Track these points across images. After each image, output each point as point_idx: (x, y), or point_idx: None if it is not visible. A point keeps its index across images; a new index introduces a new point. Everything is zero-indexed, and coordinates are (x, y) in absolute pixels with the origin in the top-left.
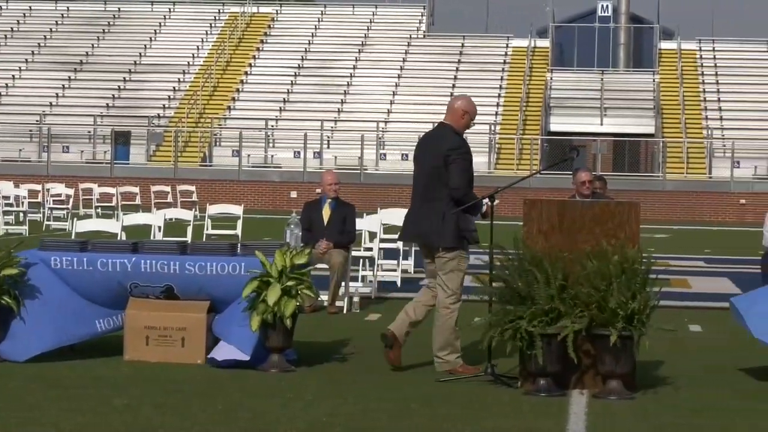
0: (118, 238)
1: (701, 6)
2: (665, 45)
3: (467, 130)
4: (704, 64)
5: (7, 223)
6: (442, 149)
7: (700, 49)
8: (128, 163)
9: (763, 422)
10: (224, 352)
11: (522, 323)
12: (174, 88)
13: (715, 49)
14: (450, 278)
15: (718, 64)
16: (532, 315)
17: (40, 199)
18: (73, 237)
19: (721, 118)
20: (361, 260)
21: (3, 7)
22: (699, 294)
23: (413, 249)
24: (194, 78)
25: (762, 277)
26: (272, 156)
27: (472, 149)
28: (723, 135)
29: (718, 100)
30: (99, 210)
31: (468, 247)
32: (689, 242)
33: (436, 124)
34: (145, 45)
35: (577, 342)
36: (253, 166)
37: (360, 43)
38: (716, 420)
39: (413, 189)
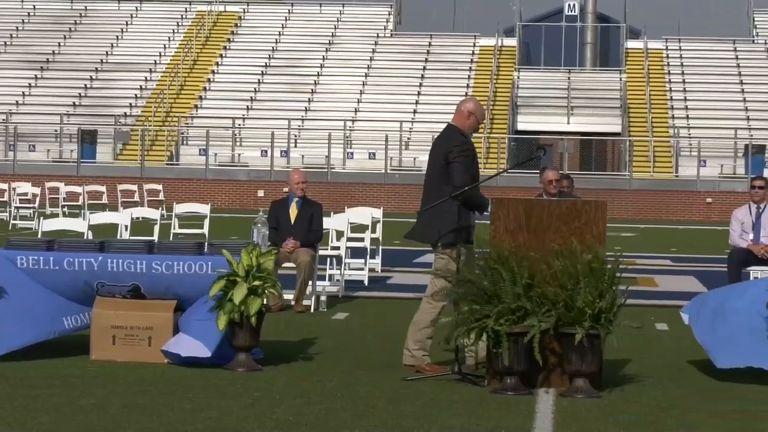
0: (85, 237)
1: (668, 5)
2: (632, 44)
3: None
4: (671, 64)
5: None
6: (444, 149)
7: (667, 49)
8: (95, 162)
9: (725, 422)
10: (185, 346)
11: (488, 322)
12: (141, 86)
13: (682, 48)
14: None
15: (684, 64)
16: (498, 314)
17: (6, 198)
18: (39, 236)
19: (687, 117)
20: (328, 259)
21: None
22: (665, 292)
23: (380, 248)
24: (161, 76)
25: (728, 275)
26: (239, 155)
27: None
28: (689, 134)
29: (685, 99)
30: (65, 209)
31: (464, 245)
32: (656, 241)
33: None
34: (111, 43)
35: (544, 341)
36: (220, 165)
37: (327, 41)
38: (681, 418)
39: (423, 189)
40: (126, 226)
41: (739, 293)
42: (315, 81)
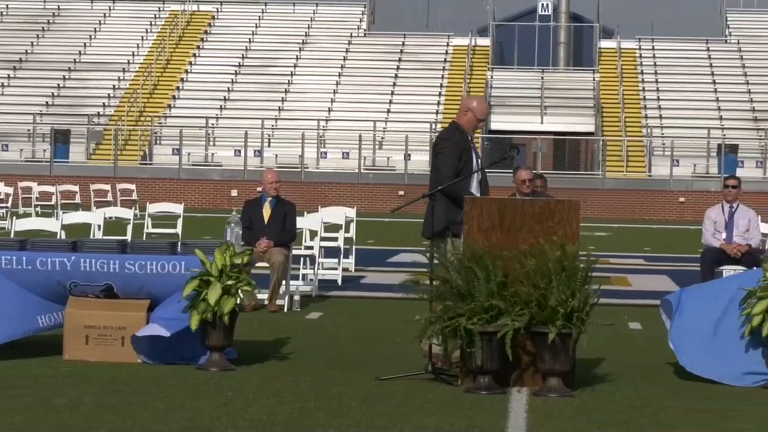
0: (58, 236)
1: (641, 5)
2: (605, 44)
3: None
4: (644, 63)
5: None
6: (436, 142)
7: (640, 48)
8: (68, 162)
9: (698, 420)
10: (147, 330)
11: (461, 321)
12: (114, 86)
13: (655, 48)
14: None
15: (657, 63)
16: (471, 312)
17: None
18: (12, 236)
19: (660, 117)
20: (302, 259)
21: None
22: (638, 292)
23: (354, 248)
24: (134, 76)
25: (701, 275)
26: (213, 154)
27: (413, 148)
28: (662, 133)
29: (658, 99)
30: (38, 209)
31: (453, 238)
32: (629, 240)
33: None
34: (84, 43)
35: (517, 340)
36: (193, 165)
37: (301, 41)
38: (654, 417)
39: None
40: (99, 226)
41: (714, 296)
42: (288, 81)
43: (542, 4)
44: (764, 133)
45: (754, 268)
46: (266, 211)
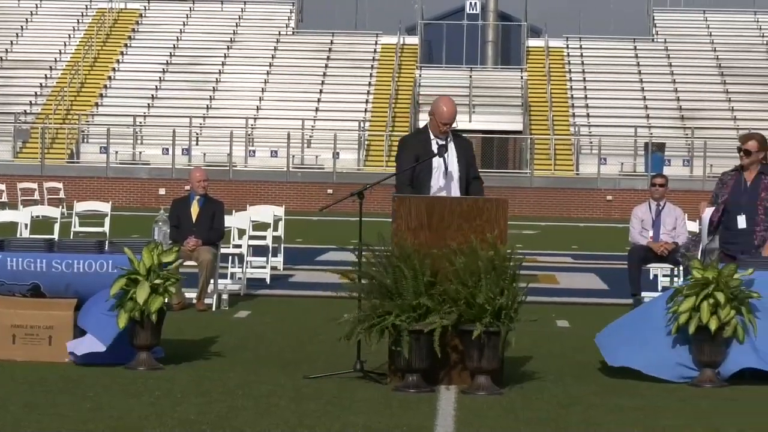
0: None
1: (568, 4)
2: (533, 43)
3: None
4: (571, 62)
5: None
6: None
7: (568, 47)
8: None
9: (627, 417)
10: (84, 345)
11: (390, 319)
12: (41, 84)
13: (582, 47)
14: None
15: (585, 62)
16: (399, 310)
17: None
18: None
19: (588, 116)
20: (230, 257)
21: None
22: (566, 290)
23: (282, 246)
24: (61, 74)
25: (628, 273)
26: (140, 153)
27: (341, 146)
28: (590, 132)
29: (585, 98)
30: None
31: None
32: (557, 238)
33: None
34: (11, 40)
35: (446, 338)
36: (121, 163)
37: (229, 39)
38: (582, 415)
39: None
40: (26, 225)
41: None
42: (217, 79)
43: (470, 3)
44: (691, 131)
45: (680, 266)
46: (194, 210)
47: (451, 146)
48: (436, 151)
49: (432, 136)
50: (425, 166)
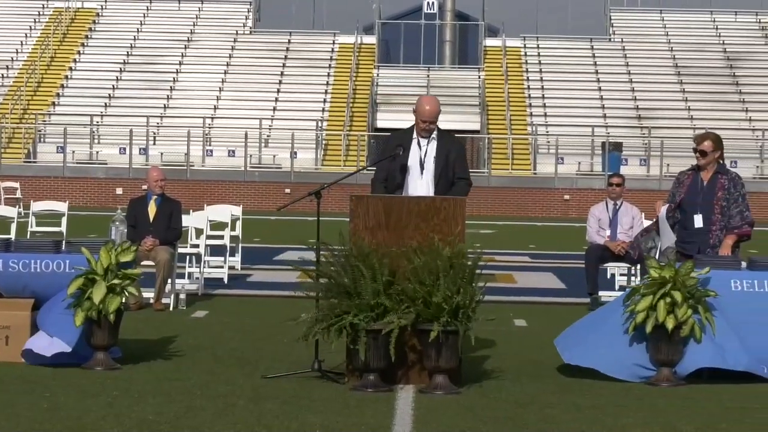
0: None
1: (526, 4)
2: (490, 42)
3: (424, 129)
4: (529, 62)
5: None
6: None
7: (525, 47)
8: None
9: (584, 416)
10: (47, 346)
11: (347, 318)
12: None
13: (540, 46)
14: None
15: (542, 62)
16: (357, 310)
17: None
18: None
19: (545, 115)
20: (188, 257)
21: None
22: (524, 289)
23: (240, 246)
24: (18, 73)
25: (585, 272)
26: (97, 152)
27: (299, 146)
28: (547, 131)
29: (543, 97)
30: None
31: None
32: (514, 237)
33: None
34: None
35: (404, 337)
36: (78, 163)
37: (186, 39)
38: (540, 414)
39: None
40: None
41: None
42: (174, 78)
43: (428, 3)
44: (648, 131)
45: (637, 265)
46: (151, 210)
47: (432, 146)
48: (399, 152)
49: (415, 135)
50: (398, 164)
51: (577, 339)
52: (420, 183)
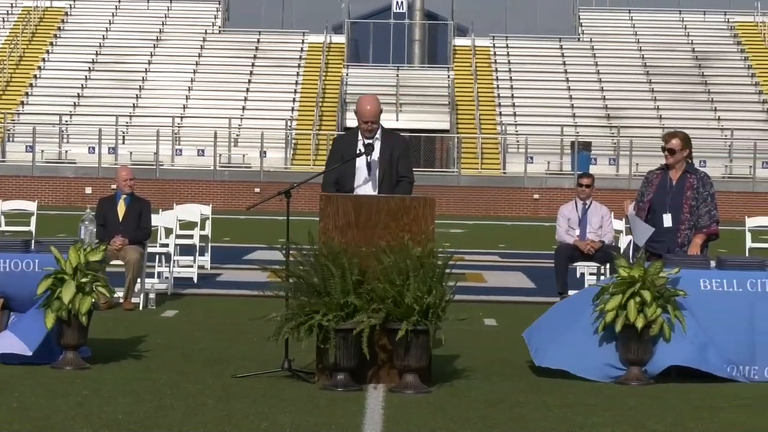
0: None
1: (494, 4)
2: (459, 41)
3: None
4: (498, 61)
5: None
6: None
7: (494, 46)
8: None
9: (554, 415)
10: (5, 344)
11: (317, 317)
12: None
13: (509, 46)
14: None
15: (511, 61)
16: (326, 309)
17: None
18: None
19: (514, 114)
20: (157, 256)
21: None
22: (494, 288)
23: (209, 245)
24: None
25: (555, 271)
26: (66, 151)
27: (268, 145)
28: (516, 131)
29: (512, 97)
30: None
31: None
32: (484, 237)
33: None
34: None
35: (374, 337)
36: (47, 162)
37: (155, 38)
38: (510, 413)
39: None
40: None
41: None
42: (143, 77)
43: (397, 2)
44: (617, 130)
45: (607, 264)
46: (121, 209)
47: (377, 145)
48: (357, 152)
49: (360, 136)
50: (349, 166)
51: (548, 338)
52: (368, 183)
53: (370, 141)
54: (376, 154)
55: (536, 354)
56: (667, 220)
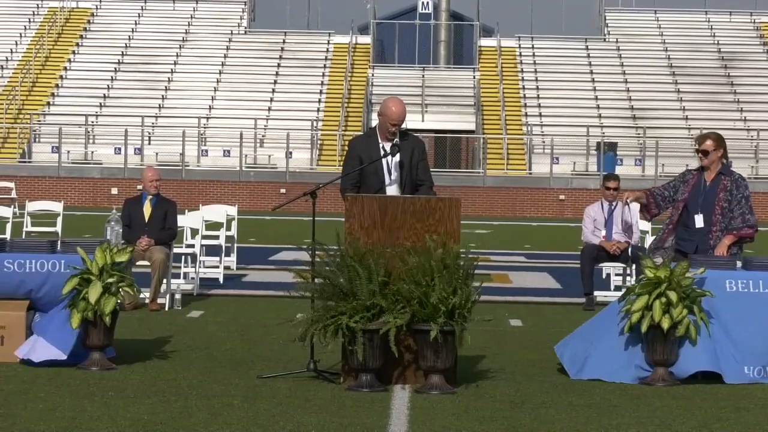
0: None
1: (520, 4)
2: (485, 42)
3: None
4: (524, 62)
5: None
6: None
7: (520, 47)
8: None
9: (579, 416)
10: (40, 352)
11: (343, 319)
12: None
13: (534, 46)
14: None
15: (537, 62)
16: (353, 310)
17: None
18: None
19: (540, 115)
20: (183, 257)
21: None
22: (519, 289)
23: (235, 246)
24: (13, 73)
25: (581, 272)
26: (92, 152)
27: (294, 146)
28: (542, 131)
29: (538, 97)
30: None
31: None
32: (510, 237)
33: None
34: None
35: (399, 337)
36: (73, 163)
37: (181, 38)
38: (535, 413)
39: None
40: None
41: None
42: (169, 78)
43: (423, 3)
44: (642, 131)
45: (633, 265)
46: (146, 210)
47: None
48: (382, 153)
49: (380, 139)
50: (371, 169)
51: (582, 353)
52: (390, 189)
53: (391, 143)
54: (397, 158)
55: (570, 368)
56: (699, 221)
